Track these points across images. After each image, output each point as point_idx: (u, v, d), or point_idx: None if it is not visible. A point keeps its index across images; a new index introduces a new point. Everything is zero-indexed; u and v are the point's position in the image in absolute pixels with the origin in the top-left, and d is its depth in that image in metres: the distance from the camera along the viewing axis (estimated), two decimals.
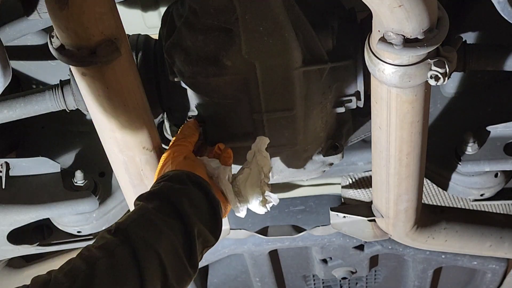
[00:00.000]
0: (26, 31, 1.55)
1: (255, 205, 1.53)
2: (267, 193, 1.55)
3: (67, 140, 1.95)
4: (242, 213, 1.54)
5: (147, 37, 1.65)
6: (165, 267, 1.21)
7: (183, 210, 1.29)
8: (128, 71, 1.36)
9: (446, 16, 1.26)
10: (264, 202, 1.53)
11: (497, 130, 1.72)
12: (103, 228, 1.85)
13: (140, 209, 1.30)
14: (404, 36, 1.22)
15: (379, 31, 1.25)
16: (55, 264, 2.16)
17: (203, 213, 1.34)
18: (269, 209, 1.55)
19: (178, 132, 1.57)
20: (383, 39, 1.24)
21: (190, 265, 1.27)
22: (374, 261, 2.58)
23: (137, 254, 1.18)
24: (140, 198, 1.34)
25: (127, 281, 1.16)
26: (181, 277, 1.25)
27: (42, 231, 1.95)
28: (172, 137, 1.70)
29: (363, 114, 1.75)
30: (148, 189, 1.38)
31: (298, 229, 2.28)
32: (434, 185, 2.13)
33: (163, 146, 1.62)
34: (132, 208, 1.38)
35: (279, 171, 1.76)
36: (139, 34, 1.65)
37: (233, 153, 1.65)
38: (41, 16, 1.36)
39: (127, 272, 1.17)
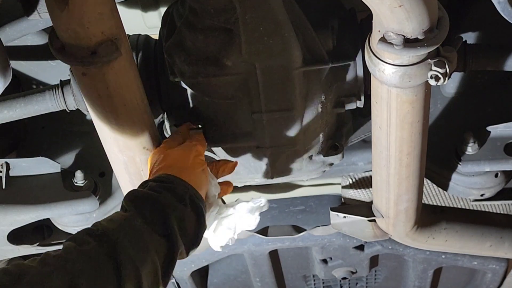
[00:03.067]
0: (26, 31, 1.55)
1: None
2: (255, 199, 1.52)
3: (67, 140, 1.95)
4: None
5: (147, 37, 1.65)
6: (142, 287, 1.20)
7: (173, 233, 1.28)
8: (128, 71, 1.36)
9: (446, 16, 1.26)
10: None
11: (497, 130, 1.72)
12: None
13: (131, 219, 1.26)
14: (404, 36, 1.22)
15: (379, 31, 1.25)
16: None
17: (190, 236, 1.34)
18: (256, 223, 1.52)
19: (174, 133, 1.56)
20: (383, 39, 1.24)
21: (163, 283, 1.27)
22: (374, 261, 2.58)
23: (121, 272, 1.16)
24: (133, 200, 1.30)
25: None
26: None
27: (42, 231, 1.95)
28: None
29: (363, 114, 1.75)
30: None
31: (298, 229, 2.28)
32: (434, 185, 2.13)
33: None
34: None
35: (279, 171, 1.76)
36: (139, 34, 1.65)
37: (233, 153, 1.65)
38: (41, 16, 1.36)
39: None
